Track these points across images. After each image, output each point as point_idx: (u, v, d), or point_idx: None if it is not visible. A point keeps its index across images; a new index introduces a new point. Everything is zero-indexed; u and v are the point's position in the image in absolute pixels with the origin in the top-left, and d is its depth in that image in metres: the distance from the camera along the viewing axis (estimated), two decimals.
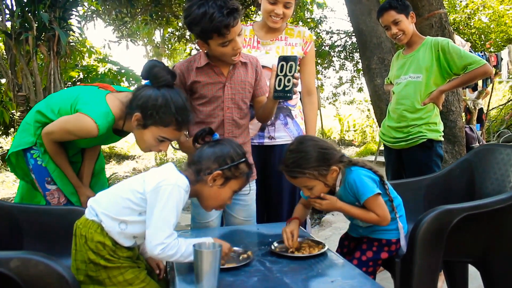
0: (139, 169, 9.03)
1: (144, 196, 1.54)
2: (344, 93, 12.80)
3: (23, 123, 2.21)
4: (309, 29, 10.44)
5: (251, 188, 2.28)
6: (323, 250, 1.71)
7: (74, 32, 4.84)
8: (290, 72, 1.93)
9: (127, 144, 11.24)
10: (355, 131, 13.24)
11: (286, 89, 1.94)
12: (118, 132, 2.13)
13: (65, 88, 2.39)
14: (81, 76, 6.78)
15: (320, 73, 11.72)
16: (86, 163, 2.35)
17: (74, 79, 6.68)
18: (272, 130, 2.57)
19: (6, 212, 1.94)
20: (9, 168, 2.30)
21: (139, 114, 1.84)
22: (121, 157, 10.73)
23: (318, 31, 10.67)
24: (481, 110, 8.59)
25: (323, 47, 10.46)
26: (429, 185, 2.49)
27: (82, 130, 1.96)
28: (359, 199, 1.79)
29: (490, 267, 1.96)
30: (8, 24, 4.42)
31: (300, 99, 2.72)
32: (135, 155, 10.97)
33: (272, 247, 1.76)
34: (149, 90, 1.86)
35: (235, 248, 1.75)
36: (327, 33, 10.67)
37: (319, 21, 10.53)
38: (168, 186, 1.51)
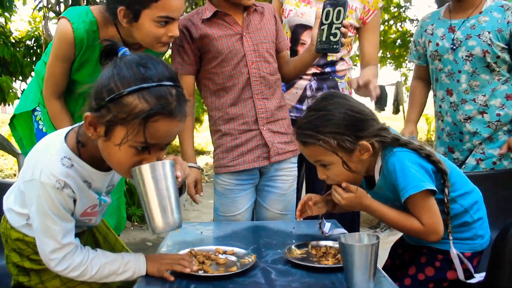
0: (211, 164, 8.79)
1: None
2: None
3: (28, 85, 2.02)
4: (392, 17, 9.64)
5: (290, 173, 1.86)
6: None
7: None
8: (337, 20, 1.67)
9: (205, 139, 11.10)
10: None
11: (333, 40, 1.67)
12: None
13: None
14: None
15: (404, 66, 10.84)
16: None
17: None
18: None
19: None
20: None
21: (123, 6, 1.51)
22: (197, 152, 10.62)
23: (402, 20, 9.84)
24: None
25: (407, 37, 9.57)
26: None
27: (58, 36, 1.66)
28: (399, 194, 1.25)
29: None
30: None
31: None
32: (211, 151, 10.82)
33: (286, 251, 1.27)
34: None
35: (236, 249, 1.29)
36: (412, 21, 9.75)
37: (403, 8, 9.67)
38: (35, 183, 1.07)
